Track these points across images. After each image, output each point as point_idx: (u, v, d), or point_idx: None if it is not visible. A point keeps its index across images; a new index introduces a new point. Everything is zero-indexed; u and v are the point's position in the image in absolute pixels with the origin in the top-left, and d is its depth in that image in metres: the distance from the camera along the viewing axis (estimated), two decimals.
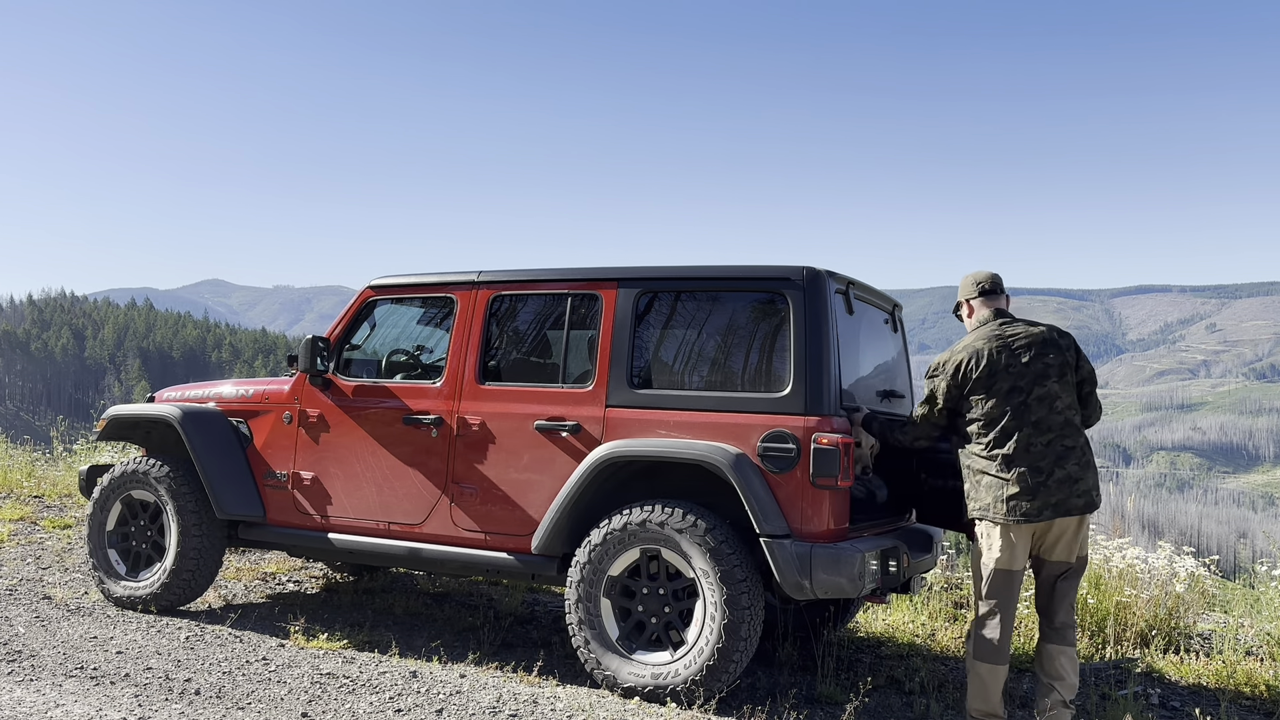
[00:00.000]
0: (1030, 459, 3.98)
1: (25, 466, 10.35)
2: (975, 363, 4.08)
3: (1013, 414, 4.02)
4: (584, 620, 4.45)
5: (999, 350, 4.08)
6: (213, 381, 6.09)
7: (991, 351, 4.08)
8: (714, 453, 4.26)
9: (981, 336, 4.16)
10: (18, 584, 6.14)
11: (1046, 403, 4.03)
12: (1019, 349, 4.08)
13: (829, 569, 4.08)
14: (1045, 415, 4.02)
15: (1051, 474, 3.98)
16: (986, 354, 4.08)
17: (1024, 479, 3.97)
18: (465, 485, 4.91)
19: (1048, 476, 3.98)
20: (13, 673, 4.41)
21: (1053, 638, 4.18)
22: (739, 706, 4.30)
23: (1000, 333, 4.14)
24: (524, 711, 4.16)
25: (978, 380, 4.07)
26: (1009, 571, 4.06)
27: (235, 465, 5.53)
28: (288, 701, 4.19)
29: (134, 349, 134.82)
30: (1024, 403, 4.02)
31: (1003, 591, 4.07)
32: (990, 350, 4.08)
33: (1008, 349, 4.09)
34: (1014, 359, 4.07)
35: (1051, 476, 3.98)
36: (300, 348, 5.33)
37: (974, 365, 4.08)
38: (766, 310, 4.52)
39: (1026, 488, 3.97)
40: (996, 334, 4.14)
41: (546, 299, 5.00)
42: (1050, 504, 3.97)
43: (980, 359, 4.08)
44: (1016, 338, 4.12)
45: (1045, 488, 3.97)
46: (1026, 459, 3.98)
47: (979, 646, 4.11)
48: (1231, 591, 7.01)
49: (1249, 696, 5.05)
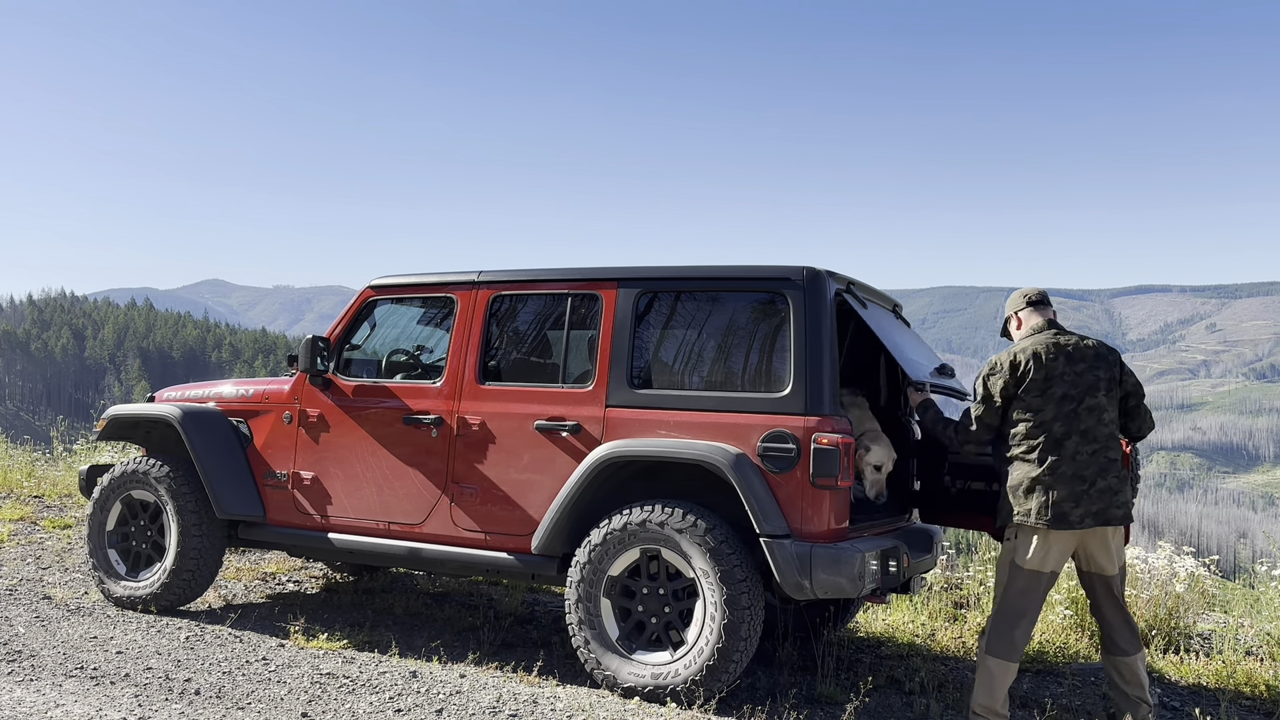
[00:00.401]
0: (1076, 466, 4.06)
1: (25, 466, 10.35)
2: (1034, 364, 4.15)
3: (1064, 420, 4.09)
4: (584, 620, 4.45)
5: (1055, 356, 4.16)
6: (213, 381, 6.09)
7: (1048, 356, 4.16)
8: (714, 453, 4.25)
9: (1038, 342, 4.23)
10: (18, 584, 6.14)
11: (1095, 414, 4.12)
12: (1074, 358, 4.17)
13: (829, 569, 4.08)
14: (1093, 425, 4.11)
15: (1095, 483, 4.06)
16: (1045, 358, 4.16)
17: (1070, 485, 4.04)
18: (465, 485, 4.91)
19: (1090, 485, 4.06)
20: (13, 673, 4.41)
21: (1129, 648, 4.22)
22: (739, 706, 4.30)
23: (1055, 340, 4.22)
24: (524, 711, 4.16)
25: (1034, 382, 4.13)
26: (1039, 574, 4.12)
27: (235, 465, 5.53)
28: (288, 701, 4.19)
29: (134, 349, 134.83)
30: (1075, 411, 4.10)
31: (1031, 592, 4.12)
32: (1046, 355, 4.16)
33: (1064, 356, 4.17)
34: (1069, 367, 4.15)
35: (1094, 486, 4.06)
36: (300, 348, 5.33)
37: (1032, 366, 4.14)
38: (767, 310, 4.52)
39: (1071, 494, 4.04)
40: (1052, 341, 4.22)
41: (547, 299, 5.00)
42: (1092, 512, 4.06)
43: (1039, 361, 4.15)
44: (1072, 347, 4.20)
45: (1088, 496, 4.05)
46: (1073, 466, 4.06)
47: (995, 642, 4.14)
48: (1231, 591, 7.01)
49: (1249, 696, 5.05)
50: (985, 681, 4.15)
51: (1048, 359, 4.15)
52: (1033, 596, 4.13)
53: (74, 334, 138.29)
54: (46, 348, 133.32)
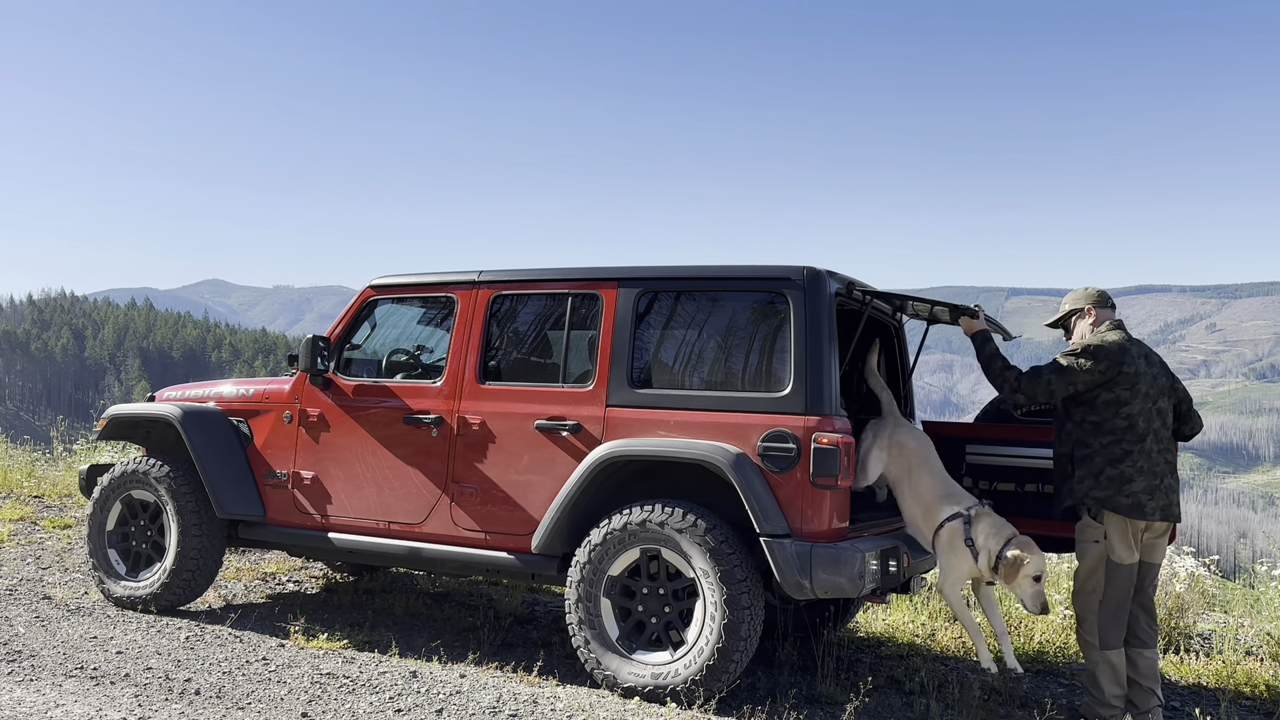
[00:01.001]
0: (1152, 462, 4.21)
1: (25, 466, 10.35)
2: (1130, 359, 4.24)
3: (1146, 418, 4.23)
4: (584, 620, 4.45)
5: (1141, 356, 4.30)
6: (213, 381, 6.09)
7: (1138, 355, 4.29)
8: (714, 452, 4.25)
9: (1128, 339, 4.33)
10: (18, 584, 6.14)
11: (1163, 416, 4.31)
12: (1151, 360, 4.35)
13: (829, 569, 4.08)
14: (1161, 427, 4.29)
15: (1164, 480, 4.24)
16: (1136, 355, 4.27)
17: (1148, 479, 4.19)
18: (465, 485, 4.91)
19: (1161, 481, 4.23)
20: (13, 673, 4.41)
21: (1150, 641, 4.32)
22: (739, 706, 4.30)
23: (1137, 342, 4.36)
24: (524, 711, 4.16)
25: (1128, 375, 4.22)
26: (1125, 566, 4.22)
27: (235, 465, 5.53)
28: (288, 701, 4.19)
29: (134, 349, 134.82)
30: (1152, 410, 4.26)
31: (1123, 584, 4.22)
32: (1137, 353, 4.29)
33: (1144, 358, 4.31)
34: (1149, 368, 4.30)
35: (1164, 482, 4.24)
36: (301, 347, 5.33)
37: (1128, 360, 4.23)
38: (767, 310, 4.52)
39: (1149, 487, 4.19)
40: (1135, 341, 4.36)
41: (547, 299, 5.00)
42: (1160, 506, 4.21)
43: (1133, 358, 4.25)
44: (1147, 352, 4.37)
45: (1159, 490, 4.22)
46: (1149, 461, 4.20)
47: (1109, 637, 4.23)
48: (1231, 591, 7.01)
49: (1249, 696, 5.05)
50: (1109, 675, 4.23)
51: (1138, 359, 4.27)
52: (1127, 585, 4.24)
53: (74, 334, 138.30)
54: (46, 348, 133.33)
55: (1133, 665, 4.30)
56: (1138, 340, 4.39)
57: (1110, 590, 4.24)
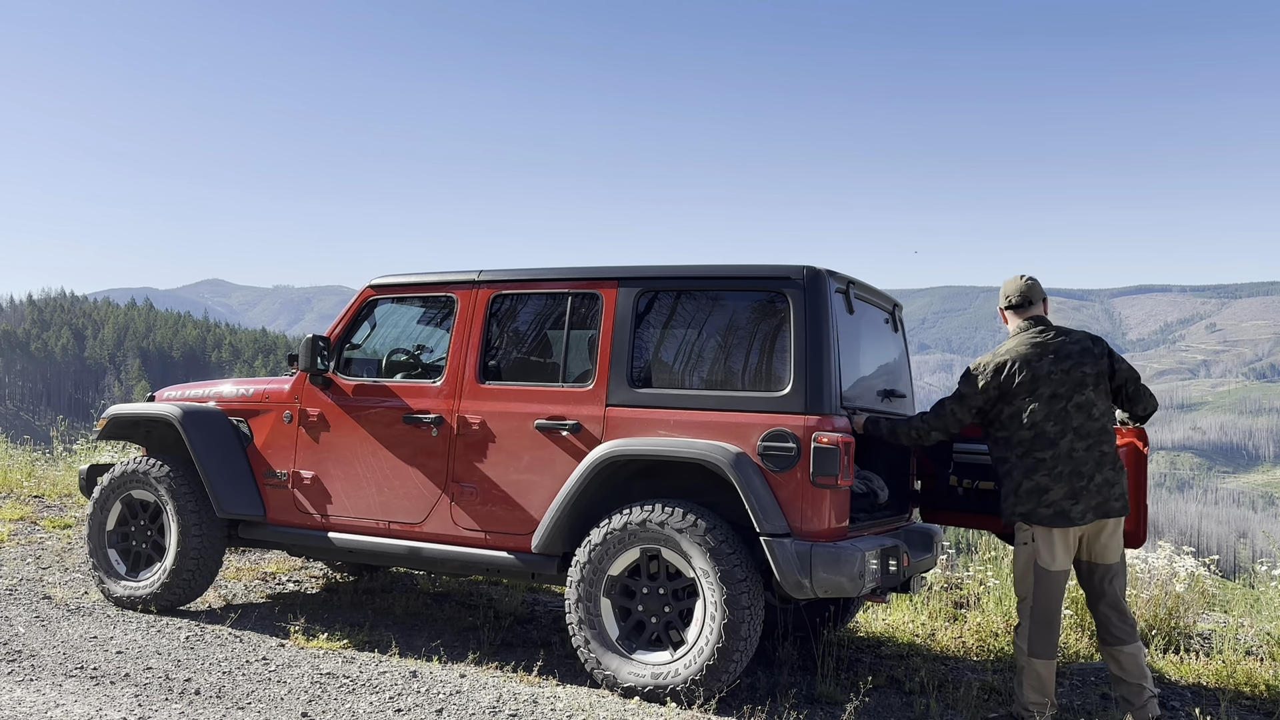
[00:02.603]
0: (1073, 464, 4.11)
1: (25, 466, 10.35)
2: (1019, 367, 4.18)
3: (1055, 419, 4.13)
4: (584, 620, 4.45)
5: (1040, 356, 4.19)
6: (213, 381, 6.09)
7: (1033, 358, 4.19)
8: (714, 452, 4.25)
9: (1024, 343, 4.26)
10: (18, 584, 6.14)
11: (1085, 410, 4.16)
12: (1061, 355, 4.20)
13: (829, 568, 4.08)
14: (1084, 422, 4.15)
15: (1092, 478, 4.12)
16: (1029, 360, 4.19)
17: (1068, 483, 4.10)
18: (465, 484, 4.91)
19: (1089, 480, 4.12)
20: (13, 673, 4.41)
21: (1126, 637, 4.26)
22: (739, 706, 4.30)
23: (1041, 340, 4.24)
24: (524, 711, 4.16)
25: (1021, 384, 4.16)
26: (1052, 572, 4.17)
27: (235, 464, 5.53)
28: (288, 701, 4.19)
29: (134, 349, 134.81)
30: (1065, 409, 4.14)
31: (1051, 591, 4.18)
32: (1032, 356, 4.19)
33: (1050, 355, 4.20)
34: (1055, 366, 4.18)
35: (1092, 480, 4.12)
36: (300, 347, 5.33)
37: (1017, 369, 4.18)
38: (767, 310, 4.52)
39: (1071, 491, 4.10)
40: (1038, 341, 4.24)
41: (547, 298, 4.99)
42: (1092, 506, 4.12)
43: (1024, 364, 4.18)
44: (1057, 345, 4.22)
45: (1087, 491, 4.11)
46: (1069, 464, 4.11)
47: (1038, 645, 4.20)
48: (1231, 591, 7.01)
49: (1249, 696, 5.05)
50: (1034, 683, 4.22)
51: (1032, 362, 4.18)
52: (1056, 594, 4.20)
53: (74, 334, 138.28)
54: (46, 348, 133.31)
55: (1116, 663, 4.27)
56: (1045, 339, 4.22)
57: (1038, 595, 4.19)
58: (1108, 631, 4.29)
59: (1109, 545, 4.26)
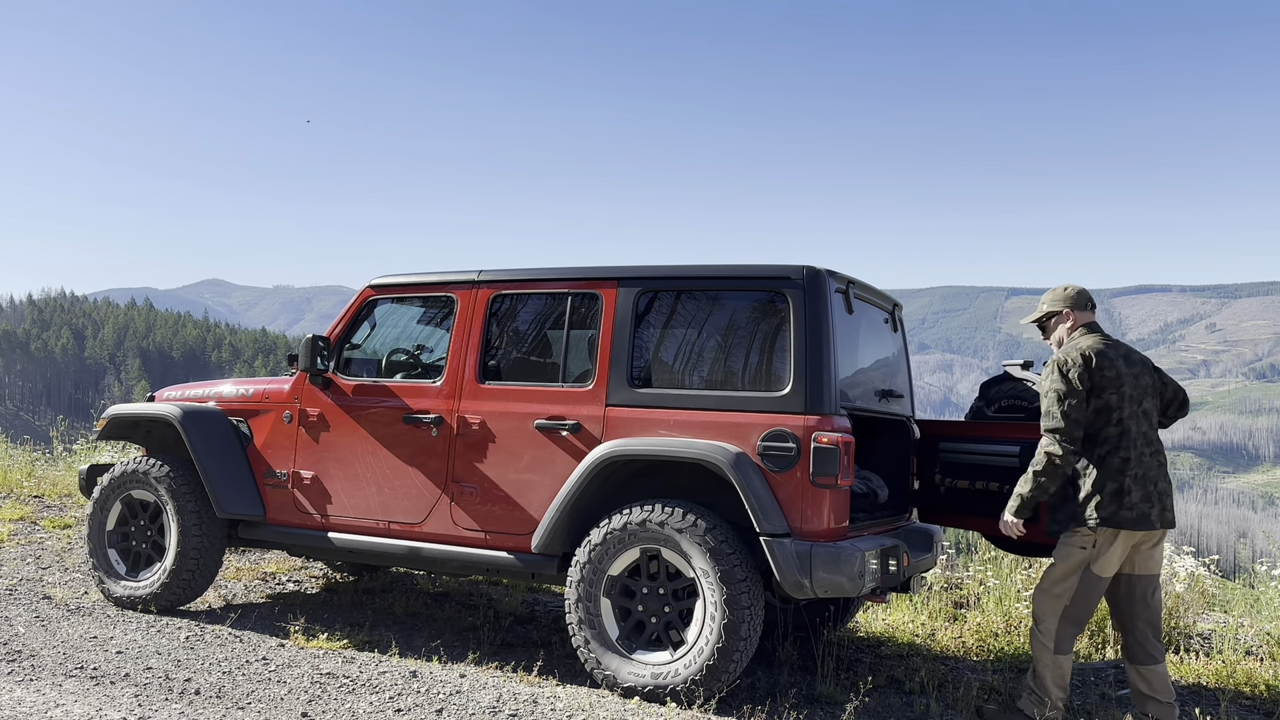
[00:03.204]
0: (1143, 467, 4.08)
1: (25, 466, 10.35)
2: (1106, 363, 4.12)
3: (1131, 421, 4.11)
4: (584, 620, 4.45)
5: (1117, 357, 4.17)
6: (213, 381, 6.09)
7: (1114, 357, 4.16)
8: (714, 452, 4.25)
9: (1100, 342, 4.20)
10: (18, 584, 6.14)
11: (1148, 418, 4.18)
12: (1130, 361, 4.20)
13: (829, 568, 4.08)
14: (1148, 429, 4.16)
15: (1157, 484, 4.10)
16: (1112, 358, 4.15)
17: (1143, 486, 4.07)
18: (465, 484, 4.91)
19: (1155, 486, 4.09)
20: (13, 673, 4.41)
21: (1160, 655, 4.20)
22: (739, 706, 4.30)
23: (1114, 344, 4.23)
24: (524, 711, 4.16)
25: (1109, 379, 4.11)
26: (1103, 579, 4.12)
27: (235, 464, 5.53)
28: (288, 701, 4.19)
29: (134, 349, 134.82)
30: (1135, 413, 4.13)
31: (1092, 596, 4.14)
32: (1113, 355, 4.16)
33: (1123, 358, 4.18)
34: (1128, 369, 4.17)
35: (1158, 487, 4.10)
36: (300, 347, 5.33)
37: (1106, 364, 4.12)
38: (767, 310, 4.52)
39: (1145, 495, 4.06)
40: (1111, 344, 4.22)
41: (547, 298, 5.00)
42: (1159, 513, 4.09)
43: (1109, 361, 4.13)
44: (1126, 350, 4.23)
45: (1156, 495, 4.08)
46: (1141, 467, 4.08)
47: (1064, 642, 4.16)
48: (1231, 591, 7.01)
49: (1249, 696, 5.05)
50: (1057, 678, 4.18)
51: (1115, 359, 4.15)
52: (1098, 601, 4.17)
53: (74, 334, 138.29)
54: (46, 348, 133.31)
55: (1146, 683, 4.17)
56: (1115, 341, 4.24)
57: (1079, 598, 4.13)
58: (1144, 650, 4.18)
59: (1153, 555, 4.21)
